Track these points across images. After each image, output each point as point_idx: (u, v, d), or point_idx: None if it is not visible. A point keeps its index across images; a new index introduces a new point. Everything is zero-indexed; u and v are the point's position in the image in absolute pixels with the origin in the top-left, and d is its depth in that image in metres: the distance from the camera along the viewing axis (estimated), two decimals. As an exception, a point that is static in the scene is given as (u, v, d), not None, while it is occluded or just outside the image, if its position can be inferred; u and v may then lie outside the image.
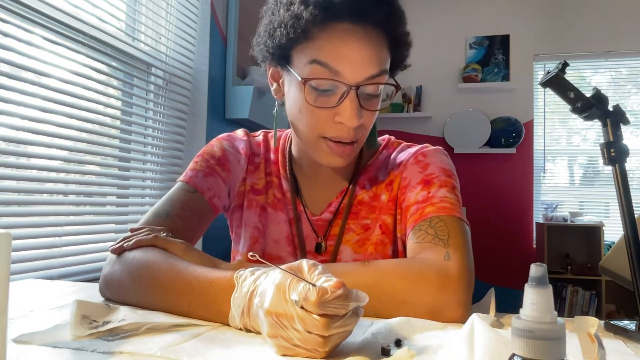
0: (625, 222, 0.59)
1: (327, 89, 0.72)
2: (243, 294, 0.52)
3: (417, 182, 0.81)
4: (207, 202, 0.82)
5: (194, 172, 0.84)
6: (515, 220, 3.80)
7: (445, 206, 0.75)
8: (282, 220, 0.89)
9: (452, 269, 0.65)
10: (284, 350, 0.46)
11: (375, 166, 0.89)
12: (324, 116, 0.74)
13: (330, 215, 0.87)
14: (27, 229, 1.34)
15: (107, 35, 1.64)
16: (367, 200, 0.87)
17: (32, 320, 0.58)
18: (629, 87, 3.85)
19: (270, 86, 0.85)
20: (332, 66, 0.71)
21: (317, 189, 0.89)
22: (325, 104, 0.73)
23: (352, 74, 0.71)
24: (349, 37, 0.71)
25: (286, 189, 0.89)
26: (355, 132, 0.75)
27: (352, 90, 0.71)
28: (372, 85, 0.73)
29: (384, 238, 0.84)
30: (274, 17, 0.76)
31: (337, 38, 0.71)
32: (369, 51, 0.71)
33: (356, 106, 0.72)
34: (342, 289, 0.45)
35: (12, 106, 1.26)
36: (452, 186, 0.80)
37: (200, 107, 2.20)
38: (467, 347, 0.46)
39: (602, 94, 0.61)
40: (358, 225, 0.86)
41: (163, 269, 0.62)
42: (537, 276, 0.31)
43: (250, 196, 0.90)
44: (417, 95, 3.96)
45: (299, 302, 0.44)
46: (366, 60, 0.71)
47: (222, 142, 0.91)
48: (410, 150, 0.88)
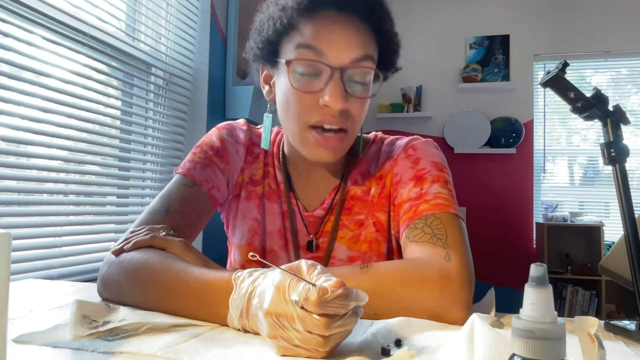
0: (625, 222, 0.59)
1: (312, 72, 0.73)
2: (241, 295, 0.52)
3: (409, 178, 0.80)
4: (206, 194, 0.82)
5: (192, 164, 0.84)
6: (515, 220, 3.80)
7: (440, 203, 0.75)
8: (276, 212, 0.88)
9: (453, 271, 0.64)
10: (284, 351, 0.46)
11: (367, 160, 0.89)
12: (309, 101, 0.74)
13: (323, 212, 0.86)
14: (27, 229, 1.34)
15: (107, 35, 1.64)
16: (360, 194, 0.86)
17: (32, 320, 0.58)
18: (629, 87, 3.85)
19: (263, 89, 0.85)
20: (316, 47, 0.72)
21: (309, 186, 0.88)
22: (311, 87, 0.74)
23: (336, 56, 0.72)
24: (334, 22, 0.73)
25: (280, 180, 0.89)
26: (342, 118, 0.75)
27: (337, 73, 0.72)
28: (357, 69, 0.74)
29: (378, 236, 0.84)
30: (263, 16, 0.79)
31: (321, 23, 0.73)
32: (353, 35, 0.73)
33: (340, 88, 0.72)
34: (342, 288, 0.45)
35: (12, 106, 1.26)
36: (445, 180, 0.79)
37: (200, 107, 2.21)
38: (467, 347, 0.46)
39: (602, 94, 0.61)
40: (352, 221, 0.85)
41: (160, 270, 0.61)
42: (537, 276, 0.31)
43: (249, 187, 0.90)
44: (417, 95, 3.96)
45: (299, 302, 0.44)
46: (350, 43, 0.73)
47: (221, 132, 0.90)
48: (400, 143, 0.88)
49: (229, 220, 0.93)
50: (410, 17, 4.02)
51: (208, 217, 0.84)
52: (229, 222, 0.93)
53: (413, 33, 3.99)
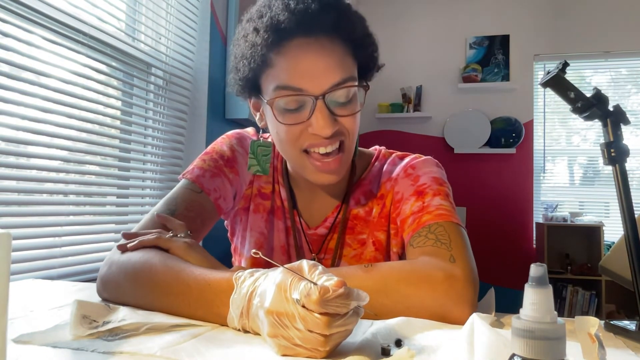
0: (625, 222, 0.59)
1: (295, 107, 0.73)
2: (242, 295, 0.52)
3: (410, 194, 0.80)
4: (212, 203, 0.81)
5: (202, 171, 0.83)
6: (515, 221, 3.80)
7: (442, 213, 0.75)
8: (280, 228, 0.88)
9: (457, 271, 0.64)
10: (285, 350, 0.46)
11: (369, 179, 0.88)
12: (299, 130, 0.74)
13: (325, 230, 0.86)
14: (27, 229, 1.34)
15: (107, 35, 1.64)
16: (363, 214, 0.86)
17: (32, 320, 0.58)
18: (629, 87, 3.85)
19: (254, 116, 0.85)
20: (294, 86, 0.71)
21: (313, 203, 0.88)
22: (297, 119, 0.73)
23: (314, 86, 0.71)
24: (303, 52, 0.71)
25: (284, 197, 0.89)
26: (335, 137, 0.74)
27: (319, 100, 0.71)
28: (339, 91, 0.72)
29: (377, 254, 0.84)
30: (237, 51, 0.77)
31: (292, 56, 0.71)
32: (327, 61, 0.71)
33: (326, 115, 0.71)
34: (344, 287, 0.45)
35: (12, 106, 1.26)
36: (446, 194, 0.80)
37: (200, 107, 2.20)
38: (467, 347, 0.46)
39: (602, 94, 0.61)
40: (354, 240, 0.86)
41: (161, 271, 0.61)
42: (537, 276, 0.31)
43: (258, 200, 0.89)
44: (417, 95, 3.96)
45: (301, 300, 0.44)
46: (326, 70, 0.71)
47: (232, 141, 0.89)
48: (401, 163, 0.88)
49: (234, 228, 0.93)
50: (410, 17, 4.03)
51: (211, 224, 0.84)
52: (237, 232, 0.93)
53: (413, 33, 4.00)
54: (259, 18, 0.72)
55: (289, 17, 0.69)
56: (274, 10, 0.70)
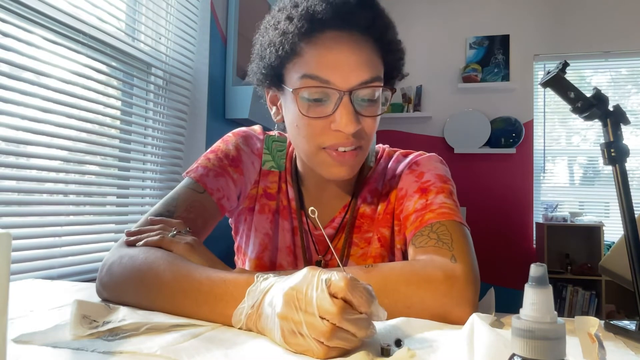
0: (625, 222, 0.59)
1: (320, 98, 0.71)
2: (261, 288, 0.52)
3: (414, 191, 0.80)
4: (215, 203, 0.80)
5: (205, 171, 0.82)
6: (515, 220, 3.80)
7: (445, 212, 0.75)
8: (287, 228, 0.88)
9: (458, 271, 0.64)
10: (288, 337, 0.46)
11: (375, 178, 0.88)
12: (320, 126, 0.73)
13: (332, 231, 0.86)
14: (27, 229, 1.34)
15: (107, 35, 1.64)
16: (369, 213, 0.86)
17: (32, 320, 0.58)
18: (629, 87, 3.85)
19: (270, 110, 0.84)
20: (321, 77, 0.70)
21: (320, 204, 0.87)
22: (320, 113, 0.72)
23: (343, 80, 0.70)
24: (336, 44, 0.70)
25: (291, 196, 0.88)
26: (356, 138, 0.73)
27: (346, 96, 0.70)
28: (366, 90, 0.72)
29: (383, 251, 0.84)
30: (264, 39, 0.76)
31: (324, 47, 0.70)
32: (359, 56, 0.71)
33: (351, 111, 0.70)
34: (369, 290, 0.48)
35: (12, 106, 1.26)
36: (449, 192, 0.80)
37: (200, 107, 2.20)
38: (467, 347, 0.46)
39: (602, 94, 0.61)
40: (361, 239, 0.86)
41: (161, 271, 0.61)
42: (537, 276, 0.31)
43: (263, 200, 0.89)
44: (417, 95, 3.96)
45: (329, 280, 0.46)
46: (356, 66, 0.70)
47: (238, 139, 0.88)
48: (405, 160, 0.87)
49: (238, 227, 0.93)
50: (410, 17, 4.02)
51: (214, 224, 0.83)
52: (241, 231, 0.92)
53: (413, 33, 3.99)
54: (293, 7, 0.72)
55: (325, 8, 0.69)
56: (310, 1, 0.70)
